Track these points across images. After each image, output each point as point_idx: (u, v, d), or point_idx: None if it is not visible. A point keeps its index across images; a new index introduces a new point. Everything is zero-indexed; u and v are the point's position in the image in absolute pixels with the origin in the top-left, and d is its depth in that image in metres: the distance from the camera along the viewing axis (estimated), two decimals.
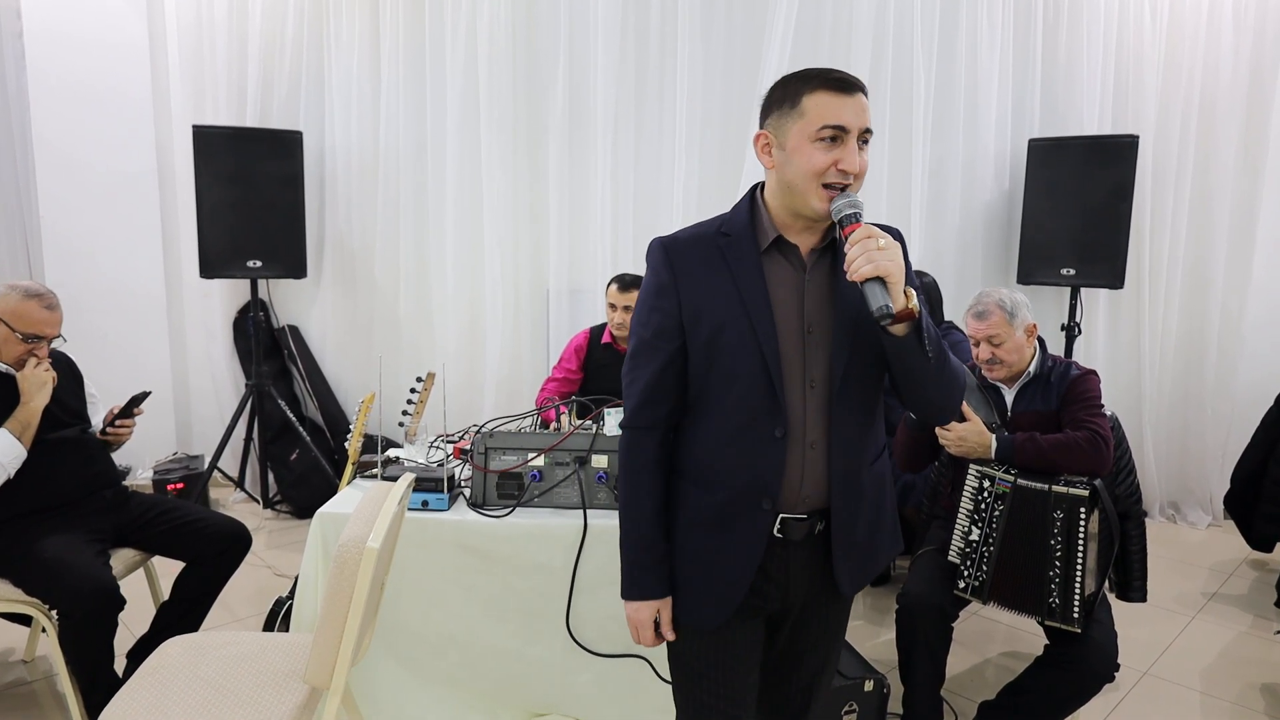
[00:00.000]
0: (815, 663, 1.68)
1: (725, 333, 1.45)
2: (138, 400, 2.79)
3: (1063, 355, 4.09)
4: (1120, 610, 2.65)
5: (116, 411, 2.79)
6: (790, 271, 1.47)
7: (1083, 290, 4.34)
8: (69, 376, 2.72)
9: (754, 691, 1.62)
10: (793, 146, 1.41)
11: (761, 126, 1.48)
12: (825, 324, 1.47)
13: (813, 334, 1.46)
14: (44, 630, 2.47)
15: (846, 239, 1.35)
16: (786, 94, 1.42)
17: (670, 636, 1.54)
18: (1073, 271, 4.19)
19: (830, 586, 1.58)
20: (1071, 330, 4.34)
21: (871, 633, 3.31)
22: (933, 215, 4.45)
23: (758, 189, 1.53)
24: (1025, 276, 4.31)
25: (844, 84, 1.39)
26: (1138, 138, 4.10)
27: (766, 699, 1.71)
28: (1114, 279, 4.15)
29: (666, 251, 1.50)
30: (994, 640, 3.29)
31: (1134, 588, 2.66)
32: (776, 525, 1.49)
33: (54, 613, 2.42)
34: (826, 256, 1.49)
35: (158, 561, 2.88)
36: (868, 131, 1.41)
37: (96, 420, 2.79)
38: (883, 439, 1.63)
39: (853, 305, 1.44)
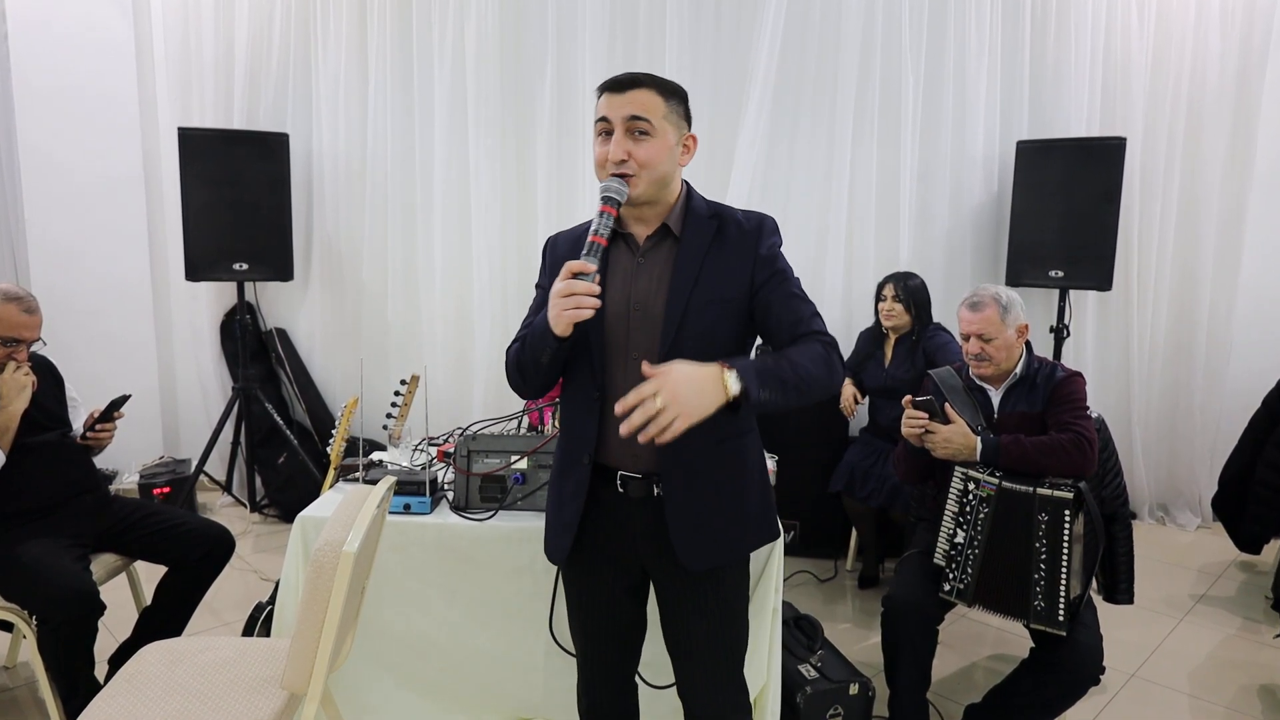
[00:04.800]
0: (699, 637, 1.72)
1: None
2: (118, 404, 2.77)
3: (1051, 357, 4.09)
4: (1108, 612, 2.66)
5: (97, 415, 2.76)
6: (627, 258, 1.66)
7: (1071, 292, 4.34)
8: (49, 380, 2.70)
9: (619, 636, 1.83)
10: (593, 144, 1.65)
11: None
12: (654, 305, 1.61)
13: (637, 314, 1.62)
14: (25, 636, 2.44)
15: (597, 215, 1.55)
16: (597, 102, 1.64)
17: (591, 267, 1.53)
18: (1061, 273, 4.19)
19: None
20: (1060, 332, 4.34)
21: (858, 635, 3.30)
22: (921, 217, 4.44)
23: None
24: (1014, 279, 4.31)
25: (616, 84, 1.60)
26: (1125, 140, 4.11)
27: (677, 679, 1.80)
28: (1102, 281, 4.14)
29: (548, 246, 1.82)
30: (983, 644, 3.28)
31: (1121, 590, 2.66)
32: (618, 482, 1.67)
33: (33, 618, 2.39)
34: (664, 243, 1.65)
35: (141, 566, 2.86)
36: (634, 120, 1.56)
37: (77, 424, 2.77)
38: (742, 424, 1.69)
39: (684, 289, 1.60)
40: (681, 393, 1.37)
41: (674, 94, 1.63)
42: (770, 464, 2.68)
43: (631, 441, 1.57)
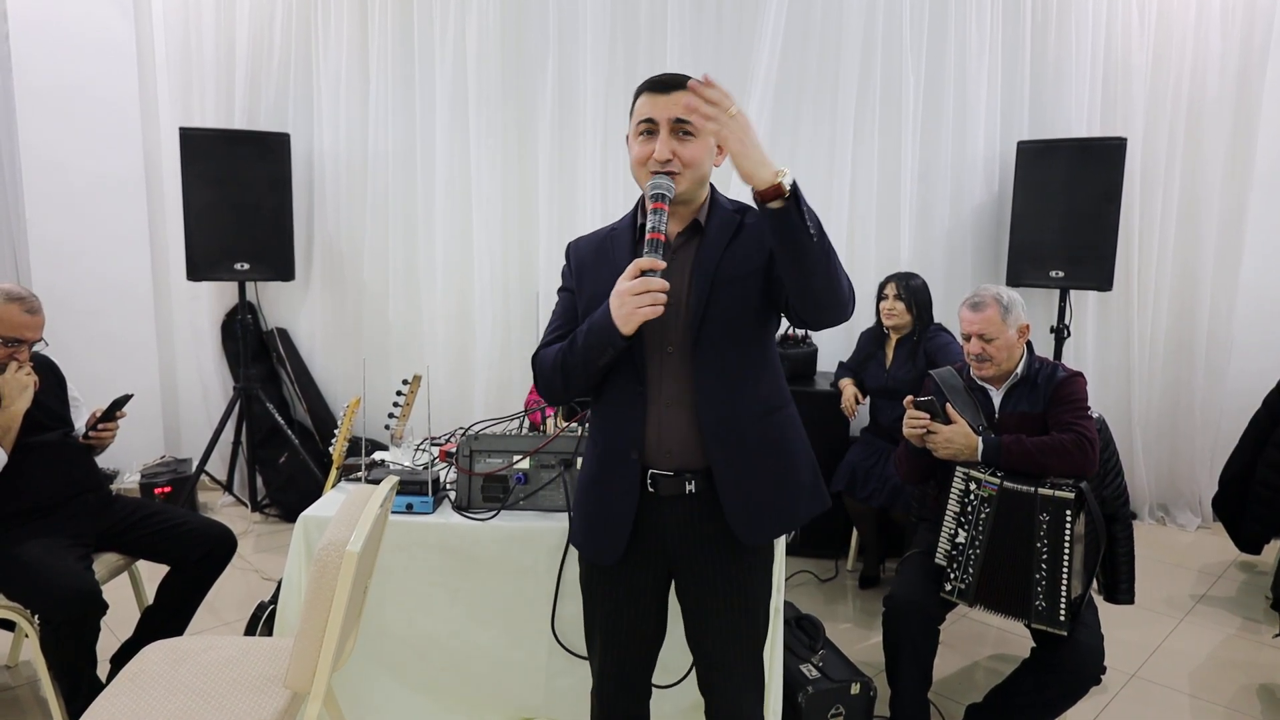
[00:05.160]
0: (722, 628, 1.74)
1: None
2: (120, 403, 2.77)
3: (1052, 357, 4.10)
4: (1109, 612, 2.66)
5: (99, 415, 2.77)
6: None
7: (1072, 292, 4.34)
8: (51, 379, 2.70)
9: (644, 638, 1.83)
10: (629, 144, 1.70)
11: None
12: (685, 297, 1.66)
13: (671, 307, 1.59)
14: (26, 636, 2.45)
15: (652, 213, 1.56)
16: (632, 103, 1.69)
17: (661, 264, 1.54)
18: (1062, 274, 4.19)
19: (724, 542, 1.70)
20: (1061, 332, 4.34)
21: (859, 635, 3.30)
22: (922, 218, 4.45)
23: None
24: (1014, 279, 4.31)
25: (660, 85, 1.64)
26: (1126, 140, 4.11)
27: (699, 673, 1.83)
28: (1103, 281, 4.15)
29: (570, 250, 1.85)
30: (984, 643, 3.29)
31: (1121, 590, 2.65)
32: (648, 481, 1.69)
33: (35, 617, 2.40)
34: (693, 239, 1.70)
35: (143, 565, 2.87)
36: (679, 122, 1.60)
37: (79, 424, 2.77)
38: (777, 396, 1.75)
39: (708, 275, 1.65)
40: (750, 128, 1.42)
41: None
42: None
43: (666, 439, 1.68)
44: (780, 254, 1.51)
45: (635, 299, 1.50)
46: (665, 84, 1.63)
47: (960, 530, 2.42)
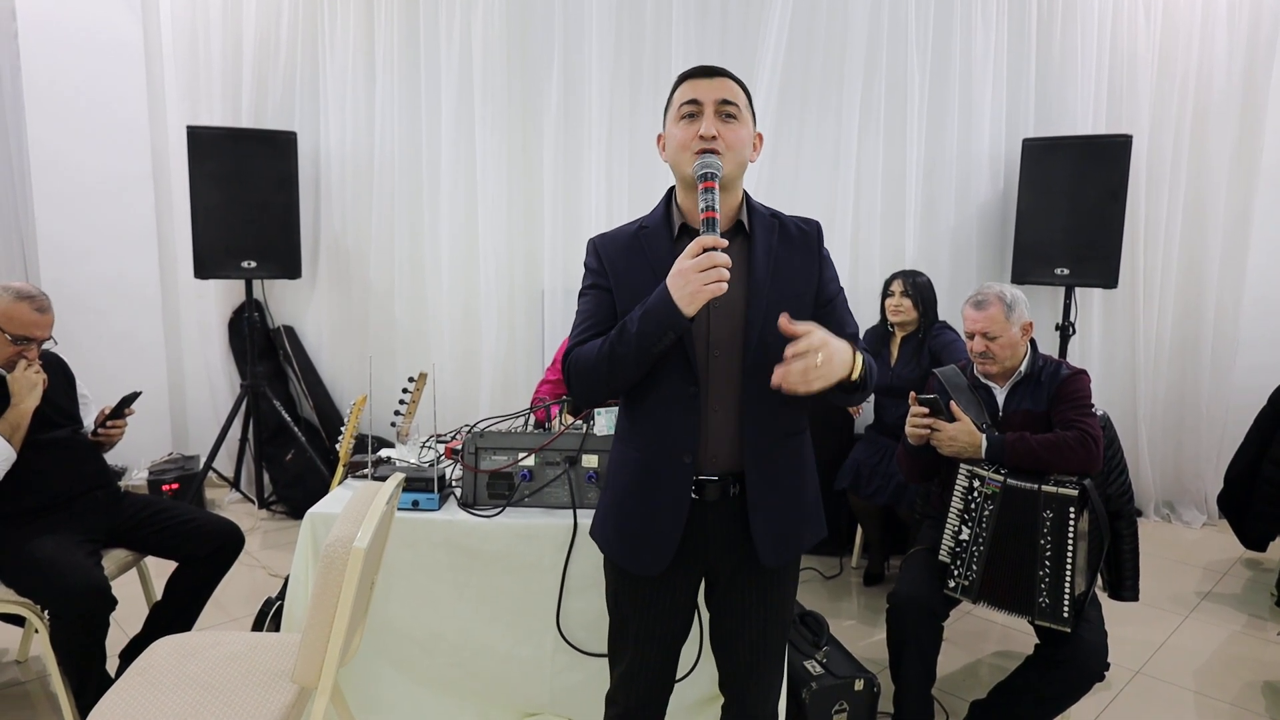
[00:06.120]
0: (753, 633, 1.76)
1: None
2: (128, 401, 2.79)
3: (1057, 355, 4.10)
4: (1114, 609, 2.66)
5: (108, 412, 2.79)
6: None
7: (1077, 290, 4.34)
8: (60, 377, 2.73)
9: (675, 640, 1.80)
10: (668, 132, 1.69)
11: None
12: (734, 299, 1.60)
13: (717, 309, 1.59)
14: (36, 631, 2.47)
15: (703, 192, 1.53)
16: (668, 97, 1.70)
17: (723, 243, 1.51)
18: (1067, 271, 4.19)
19: (753, 555, 1.69)
20: (1066, 330, 4.34)
21: (863, 632, 3.31)
22: (927, 215, 4.45)
23: (672, 189, 1.75)
24: (1020, 276, 4.31)
25: (702, 70, 1.65)
26: (1131, 137, 4.10)
27: (723, 674, 1.85)
28: (1108, 278, 4.14)
29: (597, 247, 1.75)
30: (987, 640, 3.29)
31: (1126, 587, 2.66)
32: (694, 485, 1.66)
33: (46, 613, 2.42)
34: (735, 239, 1.66)
35: (151, 562, 2.89)
36: (725, 103, 1.61)
37: (88, 421, 2.80)
38: (802, 420, 1.76)
39: (763, 283, 1.63)
40: (834, 357, 1.47)
41: (747, 92, 1.69)
42: None
43: (714, 443, 1.66)
44: (831, 396, 1.57)
45: (701, 275, 1.45)
46: (710, 70, 1.64)
47: (964, 527, 2.43)
